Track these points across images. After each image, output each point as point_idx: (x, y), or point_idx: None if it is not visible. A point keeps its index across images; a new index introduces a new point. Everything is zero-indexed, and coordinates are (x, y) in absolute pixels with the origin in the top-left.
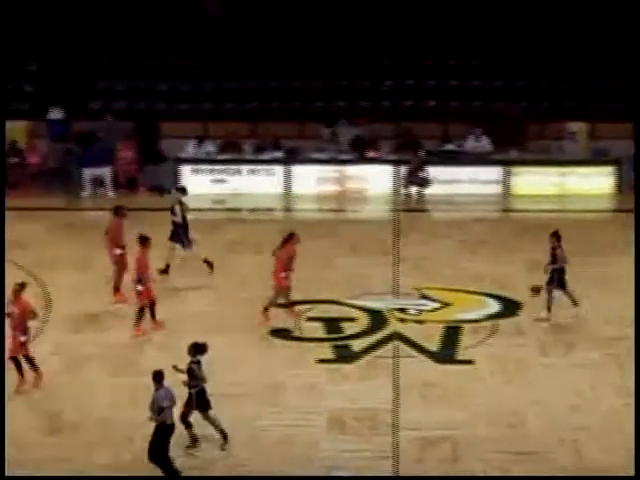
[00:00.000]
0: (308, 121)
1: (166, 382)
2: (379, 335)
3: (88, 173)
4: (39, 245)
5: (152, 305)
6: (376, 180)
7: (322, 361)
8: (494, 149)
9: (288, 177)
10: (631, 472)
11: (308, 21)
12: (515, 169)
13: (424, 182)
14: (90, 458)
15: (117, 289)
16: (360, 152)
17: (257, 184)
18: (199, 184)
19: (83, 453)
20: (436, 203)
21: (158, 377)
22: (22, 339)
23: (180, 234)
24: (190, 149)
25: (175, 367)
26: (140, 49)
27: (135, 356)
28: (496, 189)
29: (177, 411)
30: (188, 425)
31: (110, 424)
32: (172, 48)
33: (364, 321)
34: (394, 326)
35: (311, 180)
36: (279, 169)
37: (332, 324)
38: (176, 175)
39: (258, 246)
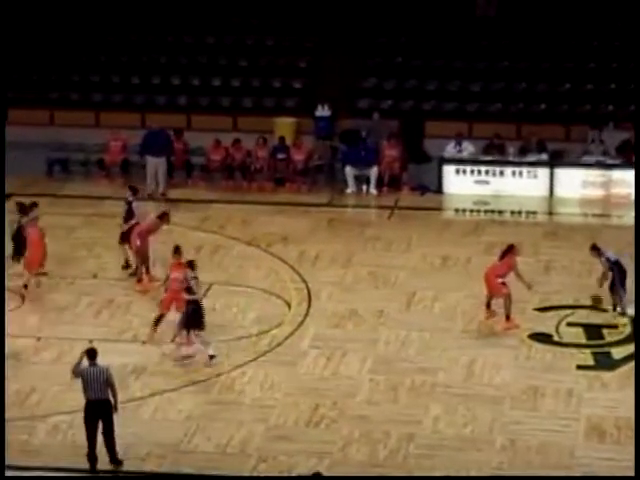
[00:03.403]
0: (574, 124)
1: None
2: None
3: (352, 171)
4: (302, 240)
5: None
6: None
7: (581, 367)
8: None
9: (552, 180)
10: None
11: (578, 21)
12: None
13: None
14: (346, 454)
15: (140, 279)
16: (627, 157)
17: (520, 186)
18: (462, 184)
19: (339, 448)
20: None
21: None
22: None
23: None
24: (450, 149)
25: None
26: (408, 48)
27: (397, 354)
28: None
29: None
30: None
31: (367, 420)
32: (440, 48)
33: (626, 329)
34: None
35: (575, 183)
36: (543, 172)
37: (593, 330)
38: (440, 175)
39: (519, 248)
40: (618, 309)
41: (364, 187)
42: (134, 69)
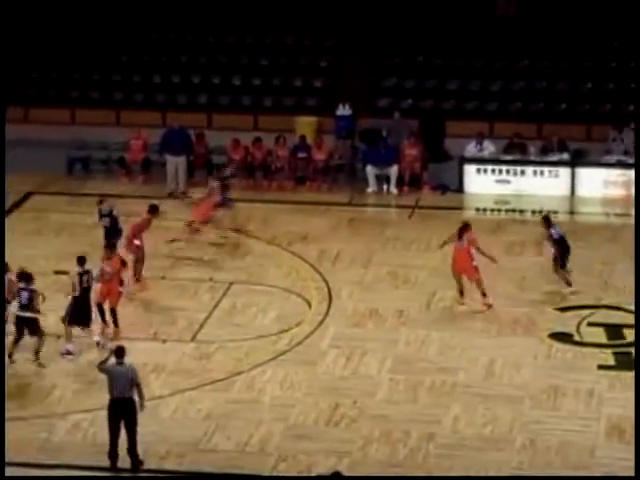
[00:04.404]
0: (596, 123)
1: None
2: None
3: (373, 170)
4: (323, 239)
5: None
6: None
7: (602, 367)
8: None
9: (573, 179)
10: None
11: (599, 21)
12: None
13: None
14: (366, 453)
15: (138, 279)
16: None
17: (541, 186)
18: (483, 184)
19: (359, 448)
20: None
21: None
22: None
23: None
24: (471, 148)
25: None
26: (428, 48)
27: (417, 353)
28: None
29: None
30: None
31: (387, 420)
32: (459, 47)
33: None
34: None
35: (597, 183)
36: (564, 171)
37: (614, 330)
38: (460, 174)
39: (538, 248)
40: (568, 284)
41: (384, 186)
42: (155, 68)
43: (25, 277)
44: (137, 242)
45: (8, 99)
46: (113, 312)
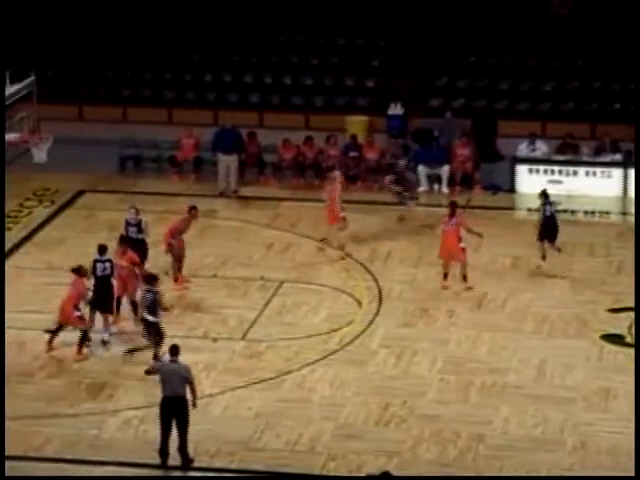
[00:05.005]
0: None
1: None
2: None
3: (425, 170)
4: (374, 239)
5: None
6: None
7: None
8: None
9: (626, 180)
10: None
11: None
12: None
13: None
14: (415, 453)
15: (176, 278)
16: None
17: (593, 186)
18: (535, 184)
19: (409, 448)
20: None
21: None
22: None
23: None
24: (523, 148)
25: None
26: (481, 47)
27: (468, 354)
28: None
29: None
30: None
31: (437, 420)
32: (512, 46)
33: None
34: None
35: None
36: (617, 172)
37: None
38: (512, 174)
39: (591, 249)
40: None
41: (436, 186)
42: (207, 67)
43: (150, 279)
44: (172, 241)
45: (62, 97)
46: (133, 305)
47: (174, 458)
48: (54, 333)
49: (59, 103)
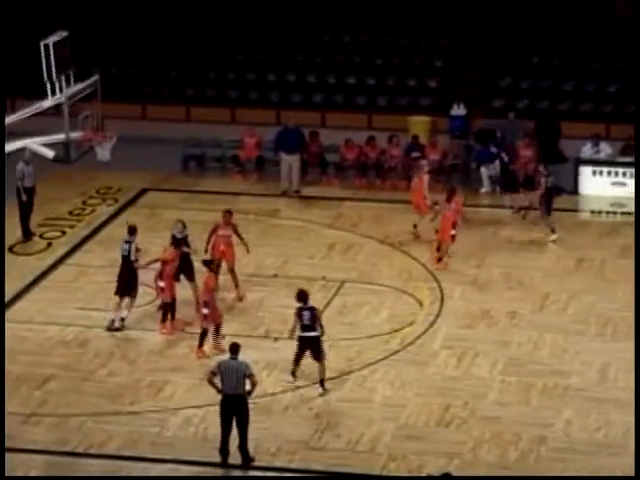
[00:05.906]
0: None
1: None
2: None
3: (487, 171)
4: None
5: (217, 328)
6: None
7: None
8: None
9: None
10: None
11: None
12: None
13: None
14: (476, 454)
15: (237, 284)
16: None
17: None
18: (599, 186)
19: (469, 449)
20: None
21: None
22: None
23: None
24: (587, 150)
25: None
26: (544, 48)
27: (530, 356)
28: None
29: None
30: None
31: (498, 422)
32: (576, 47)
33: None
34: None
35: None
36: None
37: None
38: (576, 176)
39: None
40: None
41: (498, 187)
42: (270, 66)
43: (302, 297)
44: (222, 247)
45: (126, 96)
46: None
47: (234, 457)
48: (202, 338)
49: (123, 102)
